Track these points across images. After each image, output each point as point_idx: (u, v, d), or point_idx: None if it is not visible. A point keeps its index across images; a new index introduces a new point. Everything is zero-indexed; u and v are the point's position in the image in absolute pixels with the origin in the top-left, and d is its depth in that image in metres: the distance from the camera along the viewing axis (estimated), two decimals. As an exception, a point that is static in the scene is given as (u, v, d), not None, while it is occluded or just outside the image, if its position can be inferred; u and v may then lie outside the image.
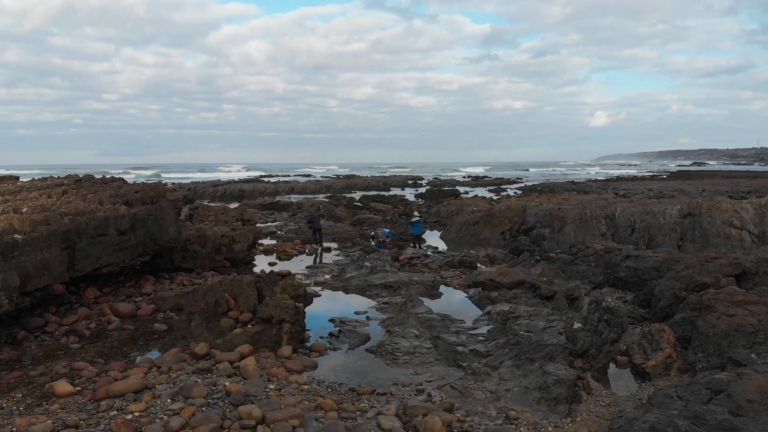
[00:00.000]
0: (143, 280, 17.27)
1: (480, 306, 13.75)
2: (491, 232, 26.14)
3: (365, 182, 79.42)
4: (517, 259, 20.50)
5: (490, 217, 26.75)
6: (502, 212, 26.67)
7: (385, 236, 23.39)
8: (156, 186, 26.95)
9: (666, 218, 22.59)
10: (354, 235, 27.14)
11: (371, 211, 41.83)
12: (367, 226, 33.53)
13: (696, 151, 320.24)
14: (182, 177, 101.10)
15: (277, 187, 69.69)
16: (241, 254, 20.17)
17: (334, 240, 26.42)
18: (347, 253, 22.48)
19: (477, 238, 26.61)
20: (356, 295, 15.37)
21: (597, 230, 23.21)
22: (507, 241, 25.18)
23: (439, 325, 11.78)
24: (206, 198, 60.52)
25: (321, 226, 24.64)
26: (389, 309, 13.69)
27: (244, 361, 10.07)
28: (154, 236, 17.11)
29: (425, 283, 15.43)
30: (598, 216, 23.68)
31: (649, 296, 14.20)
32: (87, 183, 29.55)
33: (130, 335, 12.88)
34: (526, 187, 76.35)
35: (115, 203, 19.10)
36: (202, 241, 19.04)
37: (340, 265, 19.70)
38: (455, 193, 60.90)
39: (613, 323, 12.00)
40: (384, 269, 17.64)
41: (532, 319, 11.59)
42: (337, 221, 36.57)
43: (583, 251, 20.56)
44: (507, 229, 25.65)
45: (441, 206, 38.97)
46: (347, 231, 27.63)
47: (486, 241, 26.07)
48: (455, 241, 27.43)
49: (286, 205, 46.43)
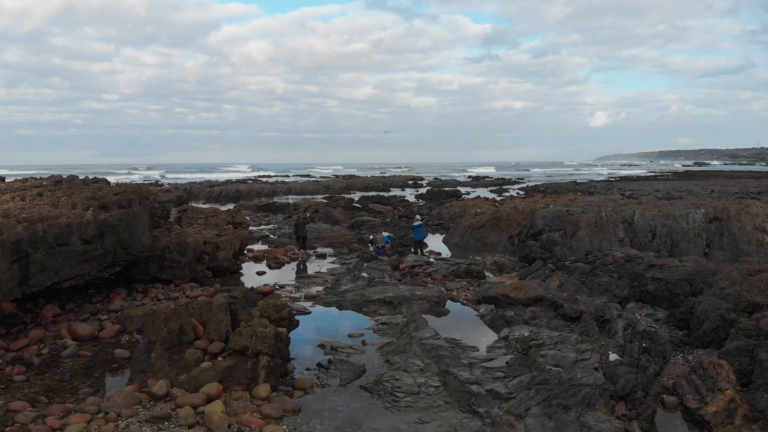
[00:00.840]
0: (114, 294, 15.34)
1: (494, 327, 11.81)
2: (498, 236, 24.20)
3: (364, 182, 77.47)
4: (528, 268, 18.55)
5: (497, 221, 24.81)
6: (510, 215, 24.75)
7: (384, 242, 21.45)
8: (138, 188, 25.04)
9: (690, 223, 20.66)
10: (351, 239, 25.19)
11: (370, 212, 39.90)
12: (366, 229, 31.58)
13: (696, 151, 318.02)
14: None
15: (275, 187, 67.76)
16: (226, 263, 18.22)
17: (330, 245, 24.46)
18: (343, 261, 20.53)
19: (482, 243, 24.67)
20: (351, 312, 13.42)
21: (614, 236, 21.28)
22: (515, 247, 23.23)
23: (447, 354, 9.84)
24: (201, 199, 58.59)
25: (306, 232, 22.82)
26: (389, 331, 11.75)
27: (210, 406, 8.13)
28: (126, 244, 15.17)
29: (429, 299, 13.49)
30: (615, 220, 21.74)
31: (688, 316, 12.26)
32: (67, 184, 27.54)
33: (86, 364, 10.94)
34: (529, 187, 74.41)
35: (88, 207, 17.20)
36: (182, 249, 17.09)
37: (335, 275, 17.75)
38: (456, 194, 58.93)
39: (653, 352, 10.06)
40: (383, 281, 15.69)
41: (558, 349, 9.65)
42: (334, 224, 34.64)
43: (601, 259, 18.62)
44: (515, 234, 23.71)
45: (443, 208, 37.04)
46: (344, 235, 25.68)
47: (492, 246, 24.13)
48: (459, 246, 25.49)
49: (281, 207, 44.47)
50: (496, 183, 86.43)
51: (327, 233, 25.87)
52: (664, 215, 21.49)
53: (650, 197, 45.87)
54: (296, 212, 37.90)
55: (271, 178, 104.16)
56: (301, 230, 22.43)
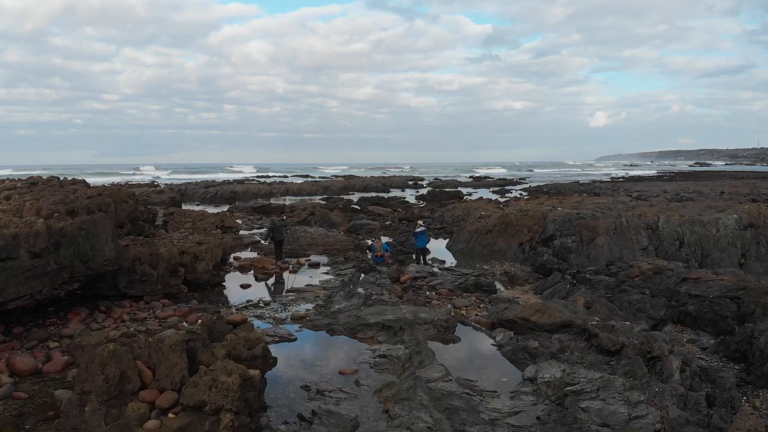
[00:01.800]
0: (72, 314, 13.22)
1: (516, 362, 9.70)
2: (507, 242, 22.10)
3: (364, 183, 75.37)
4: (545, 281, 16.45)
5: (506, 226, 22.70)
6: (520, 220, 22.64)
7: (383, 250, 19.34)
8: (116, 190, 22.98)
9: (721, 230, 18.56)
10: (347, 246, 23.08)
11: (369, 215, 37.81)
12: (364, 233, 29.49)
13: (696, 151, 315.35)
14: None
15: (272, 188, 65.65)
16: (205, 275, 16.10)
17: (325, 252, 22.35)
18: (338, 271, 18.43)
19: (490, 249, 22.57)
20: (344, 339, 11.31)
21: (636, 243, 19.17)
22: (527, 255, 21.12)
23: (462, 406, 7.73)
24: (196, 200, 56.49)
25: (283, 237, 20.78)
26: (388, 366, 9.65)
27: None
28: (86, 257, 13.06)
29: (436, 323, 11.37)
30: (638, 226, 19.63)
31: (745, 346, 10.19)
32: (41, 186, 25.47)
33: (18, 410, 8.84)
34: (531, 188, 72.29)
35: (53, 214, 15.11)
36: (154, 261, 14.98)
37: (328, 289, 15.66)
38: (458, 195, 56.83)
39: (719, 400, 7.96)
40: (381, 298, 13.58)
41: (602, 398, 7.55)
42: (331, 227, 32.54)
43: (626, 271, 16.53)
44: (526, 240, 21.61)
45: (445, 210, 34.91)
46: (340, 241, 23.57)
47: (501, 253, 22.03)
48: (464, 253, 23.39)
49: (277, 209, 42.38)
50: (498, 183, 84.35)
51: (322, 239, 23.76)
52: (690, 221, 19.39)
53: (660, 199, 43.76)
54: (293, 214, 35.81)
55: (269, 178, 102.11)
56: (278, 234, 20.38)
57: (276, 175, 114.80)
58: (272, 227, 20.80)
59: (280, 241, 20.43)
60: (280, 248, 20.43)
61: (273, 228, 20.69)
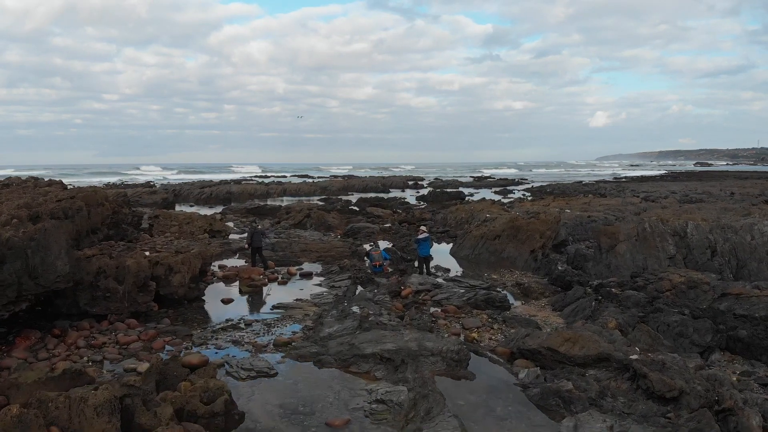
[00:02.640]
0: (21, 338, 11.30)
1: (546, 410, 7.76)
2: (517, 249, 20.15)
3: (363, 183, 73.43)
4: (565, 296, 14.50)
5: (515, 231, 20.74)
6: (531, 224, 20.69)
7: (382, 258, 17.41)
8: (91, 193, 21.05)
9: (757, 237, 16.62)
10: (344, 252, 21.13)
11: (368, 217, 35.88)
12: (362, 237, 27.56)
13: (696, 151, 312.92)
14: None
15: (269, 188, 63.68)
16: (180, 289, 14.15)
17: (320, 259, 20.41)
18: (332, 282, 16.48)
19: (498, 256, 20.62)
20: (335, 373, 9.37)
21: (662, 251, 17.23)
22: (540, 263, 19.18)
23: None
24: (191, 201, 54.56)
25: (262, 244, 18.96)
26: (387, 416, 7.71)
27: None
28: (35, 273, 11.14)
29: (445, 355, 9.42)
30: (663, 232, 17.68)
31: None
32: (14, 188, 23.61)
33: None
34: (533, 188, 70.34)
35: (11, 219, 13.20)
36: (120, 275, 13.03)
37: (319, 305, 13.72)
38: (460, 196, 54.91)
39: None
40: (379, 319, 11.63)
41: (673, 476, 5.61)
42: (327, 230, 30.61)
43: (654, 284, 14.60)
44: (538, 247, 19.66)
45: (448, 212, 32.95)
46: (336, 247, 21.61)
47: (511, 261, 20.08)
48: (470, 260, 21.46)
49: (273, 210, 40.44)
50: (499, 184, 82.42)
51: (316, 245, 21.81)
52: (722, 227, 17.45)
53: (670, 200, 41.84)
54: (288, 216, 33.86)
55: (267, 178, 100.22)
56: (256, 240, 18.53)
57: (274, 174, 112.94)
58: (251, 232, 18.87)
59: (258, 248, 18.54)
60: (260, 255, 18.56)
61: (252, 233, 18.78)
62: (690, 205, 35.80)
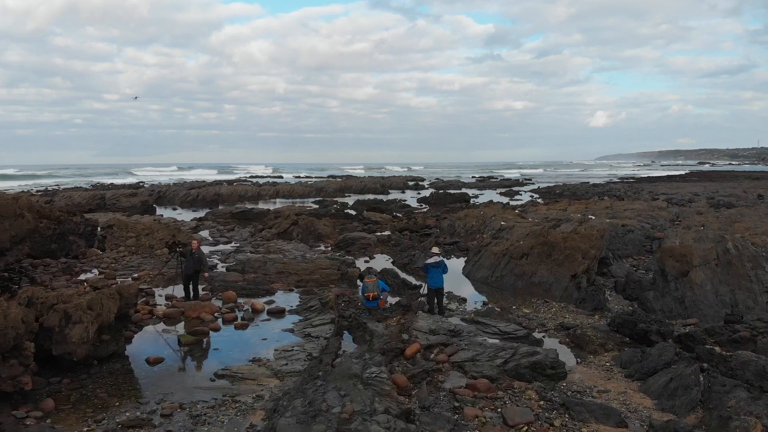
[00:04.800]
0: None
1: None
2: (553, 273, 15.36)
3: (361, 184, 68.63)
4: (644, 356, 9.70)
5: (549, 248, 15.94)
6: (568, 240, 15.87)
7: (378, 289, 12.58)
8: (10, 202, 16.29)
9: None
10: (330, 275, 16.33)
11: (365, 223, 31.11)
12: (356, 250, 22.81)
13: (696, 150, 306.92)
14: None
15: (261, 190, 58.86)
16: (82, 347, 9.35)
17: (299, 285, 15.64)
18: (310, 325, 11.68)
19: (527, 281, 15.84)
20: None
21: (756, 282, 12.46)
22: (586, 293, 14.39)
23: None
24: (175, 203, 49.78)
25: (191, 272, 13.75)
26: None
27: None
28: None
29: None
30: (754, 255, 12.91)
31: None
32: None
33: None
34: (540, 189, 65.52)
35: None
36: (-30, 334, 8.24)
37: (282, 377, 8.97)
38: (464, 198, 50.11)
39: None
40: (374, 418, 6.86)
41: None
42: (317, 240, 25.86)
43: None
44: (581, 271, 14.87)
45: (456, 219, 28.16)
46: (321, 268, 16.80)
47: (544, 287, 15.31)
48: (490, 284, 16.71)
49: (259, 215, 35.66)
50: (504, 184, 77.66)
51: (295, 265, 17.01)
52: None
53: (701, 204, 37.00)
54: (275, 222, 29.05)
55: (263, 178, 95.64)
56: (189, 264, 13.66)
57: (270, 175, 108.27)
58: (182, 253, 13.93)
59: (189, 276, 13.70)
60: (194, 285, 13.77)
61: (183, 255, 13.87)
62: (729, 211, 31.05)
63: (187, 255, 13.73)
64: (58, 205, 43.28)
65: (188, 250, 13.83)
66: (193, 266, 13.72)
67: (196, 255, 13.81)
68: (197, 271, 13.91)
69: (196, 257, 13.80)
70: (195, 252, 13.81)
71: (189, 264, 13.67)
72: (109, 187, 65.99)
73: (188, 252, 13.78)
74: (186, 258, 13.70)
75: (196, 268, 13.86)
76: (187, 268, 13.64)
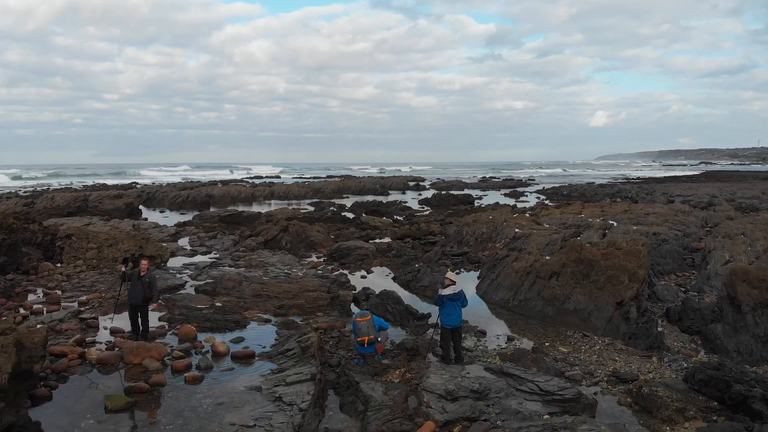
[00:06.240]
0: None
1: None
2: (590, 298, 12.29)
3: (360, 185, 65.56)
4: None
5: (585, 267, 12.86)
6: (610, 257, 12.75)
7: (374, 330, 9.40)
8: None
9: None
10: (318, 300, 13.26)
11: (362, 229, 28.06)
12: (352, 262, 19.76)
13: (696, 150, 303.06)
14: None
15: (256, 191, 55.79)
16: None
17: (278, 312, 12.57)
18: (282, 380, 8.61)
19: (559, 308, 12.76)
20: None
21: None
22: (636, 327, 11.33)
23: None
24: (165, 204, 46.71)
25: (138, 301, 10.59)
26: None
27: None
28: None
29: None
30: None
31: None
32: None
33: None
34: (546, 190, 62.45)
35: None
36: None
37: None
38: (468, 200, 47.01)
39: None
40: None
41: None
42: (308, 249, 22.85)
43: None
44: (629, 297, 11.80)
45: (463, 225, 25.08)
46: (307, 290, 13.72)
47: (582, 317, 12.24)
48: (512, 309, 13.65)
49: (249, 218, 32.65)
50: (507, 185, 74.63)
51: (276, 286, 13.92)
52: None
53: (724, 208, 33.85)
54: (265, 227, 25.93)
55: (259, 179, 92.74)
56: (134, 292, 10.54)
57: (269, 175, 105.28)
58: (125, 275, 10.79)
59: (136, 307, 10.61)
60: (143, 319, 10.65)
61: (126, 277, 10.76)
62: (763, 215, 27.98)
63: (134, 279, 10.64)
64: (38, 207, 40.39)
65: (135, 273, 10.73)
66: (141, 293, 10.65)
67: (146, 279, 10.74)
68: (147, 299, 10.85)
69: (146, 282, 10.72)
70: (144, 276, 10.74)
71: (135, 290, 10.59)
72: (101, 187, 62.89)
73: (135, 275, 10.68)
74: (132, 282, 10.62)
75: (147, 296, 10.81)
76: (133, 295, 10.55)
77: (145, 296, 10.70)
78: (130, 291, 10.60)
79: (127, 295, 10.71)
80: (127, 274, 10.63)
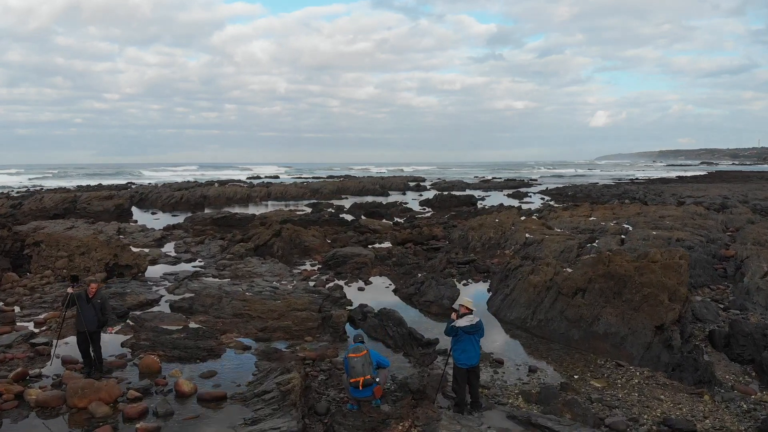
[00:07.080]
0: None
1: None
2: (624, 320, 10.52)
3: (359, 185, 63.77)
4: None
5: (616, 284, 11.09)
6: (645, 271, 10.94)
7: (370, 368, 7.60)
8: None
9: None
10: (308, 321, 11.47)
11: (361, 232, 26.28)
12: (349, 271, 17.97)
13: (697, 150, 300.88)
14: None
15: (252, 191, 53.97)
16: None
17: (261, 338, 10.79)
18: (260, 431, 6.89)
19: (587, 331, 10.98)
20: None
21: None
22: (681, 356, 9.56)
23: None
24: (158, 205, 44.91)
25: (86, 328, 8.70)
26: None
27: None
28: None
29: None
30: None
31: None
32: None
33: None
34: (550, 190, 60.65)
35: None
36: None
37: None
38: (471, 201, 45.18)
39: None
40: None
41: None
42: (302, 256, 21.10)
43: None
44: (670, 321, 10.02)
45: (468, 229, 23.30)
46: (295, 309, 11.93)
47: (613, 341, 10.46)
48: (530, 330, 11.87)
49: (242, 221, 30.93)
50: (509, 185, 72.84)
51: (261, 304, 12.14)
52: None
53: (742, 210, 32.05)
54: (257, 231, 24.14)
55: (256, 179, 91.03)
56: (88, 319, 8.68)
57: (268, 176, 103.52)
58: (67, 300, 8.85)
59: (85, 334, 8.75)
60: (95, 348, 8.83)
61: (69, 301, 8.82)
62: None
63: (82, 303, 8.85)
64: (25, 209, 38.61)
65: (83, 295, 8.94)
66: (95, 318, 8.88)
67: (97, 301, 8.96)
68: (102, 324, 9.08)
69: (98, 304, 8.94)
70: (94, 298, 8.95)
71: (88, 315, 8.80)
72: (93, 188, 61.08)
73: (83, 298, 8.89)
74: (81, 305, 8.83)
75: (102, 321, 9.04)
76: (87, 321, 8.76)
77: (99, 321, 8.94)
78: (81, 316, 8.80)
79: (77, 322, 8.92)
80: (74, 297, 8.83)
